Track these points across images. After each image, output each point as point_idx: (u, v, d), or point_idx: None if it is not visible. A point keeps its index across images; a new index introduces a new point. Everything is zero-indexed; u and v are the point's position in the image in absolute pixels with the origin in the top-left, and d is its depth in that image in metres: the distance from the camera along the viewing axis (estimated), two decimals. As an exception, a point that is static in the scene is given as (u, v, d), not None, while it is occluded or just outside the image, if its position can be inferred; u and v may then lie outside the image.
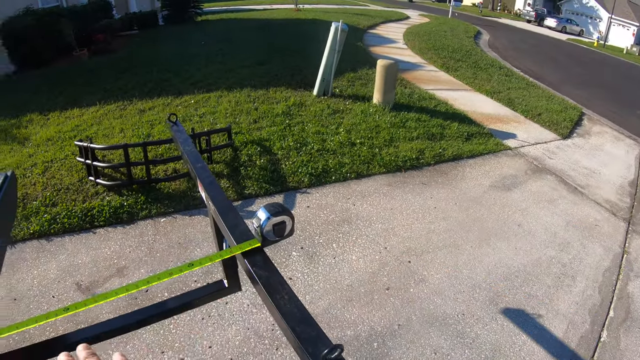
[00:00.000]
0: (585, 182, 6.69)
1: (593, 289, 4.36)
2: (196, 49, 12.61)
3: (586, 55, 26.35)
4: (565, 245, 5.00)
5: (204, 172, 2.34)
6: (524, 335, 3.66)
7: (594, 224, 5.57)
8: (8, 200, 2.59)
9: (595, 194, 6.40)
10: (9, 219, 2.71)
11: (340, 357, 1.23)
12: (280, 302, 1.48)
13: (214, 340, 3.27)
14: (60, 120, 7.41)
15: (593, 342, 3.73)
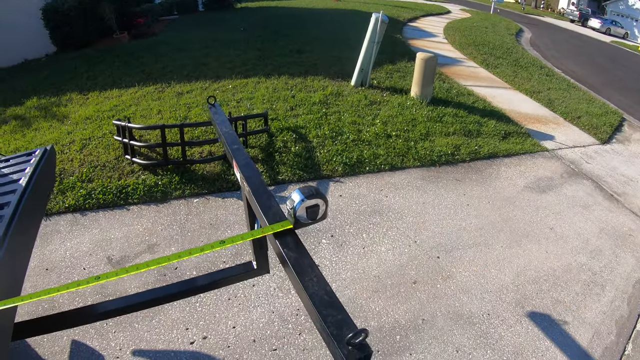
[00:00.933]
0: (622, 190, 6.48)
1: (622, 300, 4.24)
2: (235, 35, 12.71)
3: (630, 59, 25.51)
4: (597, 253, 4.86)
5: (240, 153, 2.37)
6: (548, 340, 3.59)
7: (628, 233, 5.39)
8: (47, 172, 2.68)
9: (632, 202, 6.19)
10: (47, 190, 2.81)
11: (364, 343, 1.23)
12: (308, 284, 1.49)
13: (238, 321, 3.32)
14: (99, 100, 7.59)
15: (617, 354, 3.64)
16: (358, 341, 1.27)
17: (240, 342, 3.16)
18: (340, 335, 1.29)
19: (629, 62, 23.29)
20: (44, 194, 2.64)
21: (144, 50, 11.12)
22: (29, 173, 2.39)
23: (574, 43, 24.95)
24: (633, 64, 23.15)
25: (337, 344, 1.27)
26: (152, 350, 3.06)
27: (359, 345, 1.27)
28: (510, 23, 24.45)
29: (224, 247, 1.63)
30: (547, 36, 24.56)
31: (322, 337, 1.42)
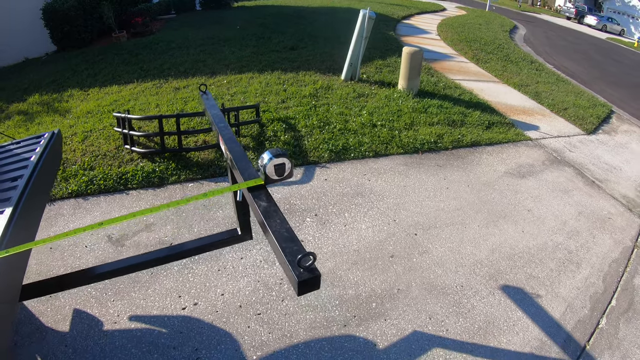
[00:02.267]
0: (604, 177, 6.74)
1: (597, 278, 4.48)
2: (231, 33, 12.99)
3: (625, 54, 25.70)
4: (574, 234, 5.12)
5: (225, 130, 2.73)
6: (520, 312, 3.84)
7: (607, 216, 5.65)
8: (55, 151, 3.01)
9: (613, 189, 6.45)
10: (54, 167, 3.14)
11: (313, 266, 1.55)
12: (272, 224, 1.85)
13: (226, 289, 3.61)
14: (100, 95, 7.90)
15: (590, 327, 3.85)
16: (308, 264, 1.60)
17: (228, 307, 3.44)
18: (294, 261, 1.62)
19: (624, 58, 23.47)
20: (53, 170, 2.95)
21: (142, 48, 11.40)
22: (39, 152, 2.71)
23: (568, 40, 25.12)
24: (627, 59, 23.33)
25: (291, 267, 1.60)
26: (147, 316, 3.33)
27: (309, 268, 1.60)
28: (505, 20, 24.66)
29: (206, 198, 1.94)
30: (541, 33, 24.76)
31: (281, 265, 1.75)
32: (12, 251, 1.72)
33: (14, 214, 2.08)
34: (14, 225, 2.02)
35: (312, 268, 1.61)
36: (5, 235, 1.93)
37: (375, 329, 3.42)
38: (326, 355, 3.14)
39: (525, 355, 3.45)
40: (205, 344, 3.13)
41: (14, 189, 2.28)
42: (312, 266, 1.62)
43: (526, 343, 3.54)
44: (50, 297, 3.42)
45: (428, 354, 3.29)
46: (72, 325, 3.23)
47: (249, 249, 4.04)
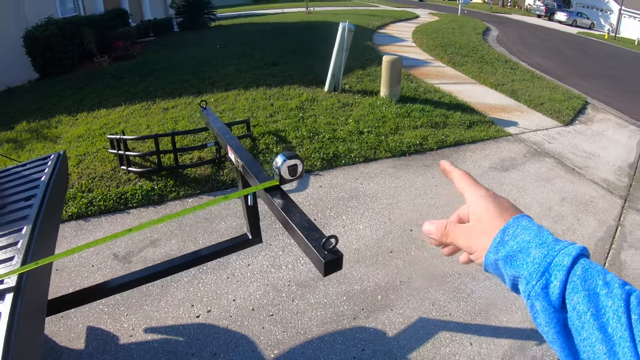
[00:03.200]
0: (584, 164, 7.04)
1: None
2: (212, 53, 13.20)
3: (595, 47, 26.46)
4: (559, 218, 5.37)
5: (232, 140, 2.92)
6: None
7: (589, 200, 5.93)
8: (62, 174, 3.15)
9: (593, 174, 6.75)
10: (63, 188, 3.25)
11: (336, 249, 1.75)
12: (293, 218, 2.04)
13: (237, 295, 3.76)
14: (89, 119, 8.02)
15: None
16: (331, 247, 1.80)
17: (241, 311, 3.59)
18: (319, 245, 1.82)
19: (595, 51, 24.16)
20: (62, 189, 3.07)
21: (125, 72, 11.55)
22: (49, 172, 2.82)
23: (540, 37, 25.77)
24: (599, 52, 24.02)
25: (316, 251, 1.80)
26: (162, 326, 3.44)
27: (332, 250, 1.81)
28: (477, 23, 25.25)
29: (227, 201, 2.12)
30: (513, 33, 25.36)
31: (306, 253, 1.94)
32: (42, 262, 1.77)
33: (34, 231, 2.12)
34: (35, 242, 2.06)
35: (335, 250, 1.81)
36: (28, 250, 1.97)
37: (384, 318, 3.60)
38: (340, 347, 3.30)
39: (526, 331, 3.65)
40: (223, 348, 3.24)
41: (29, 208, 2.33)
42: (335, 248, 1.82)
43: (525, 320, 3.75)
44: (62, 317, 3.47)
45: (435, 337, 3.47)
46: (88, 342, 3.29)
47: (254, 256, 4.21)
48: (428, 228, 0.79)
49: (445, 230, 0.76)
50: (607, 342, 0.50)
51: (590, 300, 0.53)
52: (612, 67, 19.25)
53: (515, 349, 3.47)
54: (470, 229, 0.72)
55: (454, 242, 0.75)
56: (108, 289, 2.77)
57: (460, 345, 3.44)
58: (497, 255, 0.64)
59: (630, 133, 9.17)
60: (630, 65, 21.30)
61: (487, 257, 0.66)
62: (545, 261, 0.57)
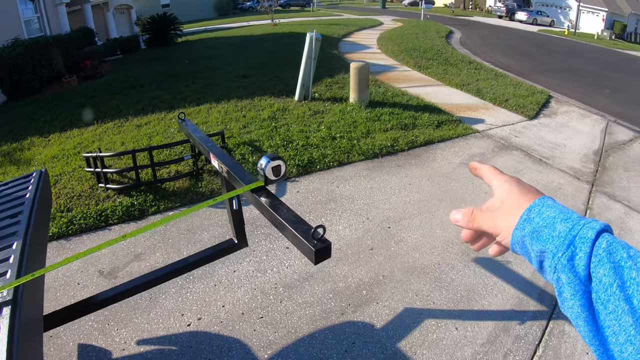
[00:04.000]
0: (550, 154, 7.33)
1: None
2: (181, 68, 13.24)
3: (556, 43, 27.26)
4: (530, 206, 5.64)
5: (214, 147, 3.04)
6: (495, 277, 4.23)
7: (558, 187, 6.21)
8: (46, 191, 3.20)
9: (560, 163, 7.03)
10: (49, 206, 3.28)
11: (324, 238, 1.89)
12: (281, 214, 2.17)
13: (226, 301, 3.84)
14: (62, 140, 7.98)
15: None
16: (320, 237, 1.95)
17: (231, 316, 3.67)
18: (308, 235, 1.96)
19: (556, 47, 24.89)
20: (48, 206, 3.10)
21: (95, 90, 11.52)
22: (33, 189, 2.85)
23: (502, 37, 26.44)
24: (559, 47, 24.75)
25: (306, 240, 1.94)
26: (154, 338, 3.49)
27: (321, 239, 1.95)
28: (440, 27, 25.79)
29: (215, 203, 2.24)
30: (476, 34, 25.98)
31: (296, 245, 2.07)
32: (38, 274, 1.80)
33: (25, 246, 2.11)
34: (27, 256, 2.05)
35: (324, 239, 1.95)
36: (21, 265, 1.96)
37: (370, 312, 3.73)
38: (331, 342, 3.42)
39: (508, 312, 3.84)
40: (217, 353, 3.31)
41: (17, 224, 2.32)
42: (324, 237, 1.96)
43: (506, 302, 3.94)
44: (51, 336, 3.48)
45: (422, 325, 3.62)
46: (80, 359, 3.31)
47: (239, 262, 4.30)
48: (455, 216, 0.81)
49: (472, 215, 0.77)
50: (634, 313, 0.52)
51: (616, 272, 0.55)
52: (573, 62, 19.92)
53: (499, 329, 3.64)
54: (496, 211, 0.74)
55: (481, 227, 0.76)
56: (99, 302, 2.81)
57: (446, 330, 3.59)
58: (523, 232, 0.66)
59: (594, 122, 9.54)
60: (591, 58, 22.07)
61: (514, 234, 0.68)
62: (571, 234, 0.60)
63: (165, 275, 2.93)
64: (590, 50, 26.62)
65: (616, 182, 6.67)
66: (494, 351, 3.44)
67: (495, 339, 3.55)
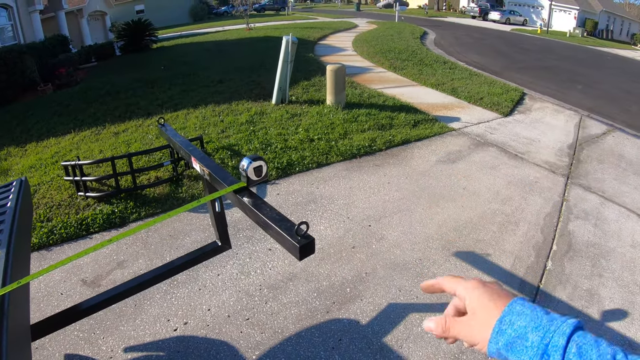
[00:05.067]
0: (526, 149, 7.53)
1: (535, 230, 5.13)
2: (157, 74, 13.17)
3: (529, 42, 27.81)
4: (507, 200, 5.77)
5: (195, 151, 3.08)
6: (476, 270, 4.37)
7: (534, 181, 6.39)
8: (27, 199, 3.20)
9: (535, 157, 7.23)
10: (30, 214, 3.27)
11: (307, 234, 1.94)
12: (264, 212, 2.23)
13: (211, 304, 3.86)
14: (39, 149, 7.89)
15: (539, 270, 4.44)
16: (303, 233, 2.00)
17: (217, 319, 3.69)
18: (292, 232, 2.01)
19: (529, 45, 25.40)
20: (29, 214, 3.09)
21: (71, 98, 11.40)
22: (14, 198, 2.84)
23: (475, 37, 26.84)
24: (533, 46, 25.24)
25: (290, 237, 1.99)
26: (141, 344, 3.48)
27: (305, 235, 2.01)
28: (414, 28, 26.10)
29: (199, 204, 2.29)
30: (450, 35, 26.34)
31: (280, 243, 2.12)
32: (24, 281, 1.81)
33: (9, 254, 2.10)
34: (11, 264, 2.04)
35: (307, 235, 2.02)
36: (6, 273, 1.95)
37: (355, 308, 3.80)
38: (318, 340, 3.47)
39: (491, 302, 3.95)
40: (205, 357, 3.33)
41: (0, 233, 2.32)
42: (307, 234, 2.02)
43: (489, 292, 4.05)
44: (37, 348, 3.44)
45: (406, 320, 3.70)
46: None
47: (223, 265, 4.33)
48: (428, 325, 0.81)
49: (445, 326, 0.78)
50: None
51: None
52: (546, 59, 20.33)
53: None
54: (469, 322, 0.75)
55: (457, 337, 0.77)
56: (84, 310, 2.79)
57: (430, 323, 3.69)
58: (497, 345, 0.68)
59: (567, 117, 9.82)
60: (563, 56, 22.60)
61: (489, 347, 0.70)
62: (543, 344, 0.62)
63: (150, 281, 2.94)
64: (563, 47, 27.25)
65: (591, 174, 6.90)
66: None
67: None
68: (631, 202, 6.15)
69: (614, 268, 4.62)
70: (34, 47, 14.98)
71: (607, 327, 3.81)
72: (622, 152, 8.13)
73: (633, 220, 5.70)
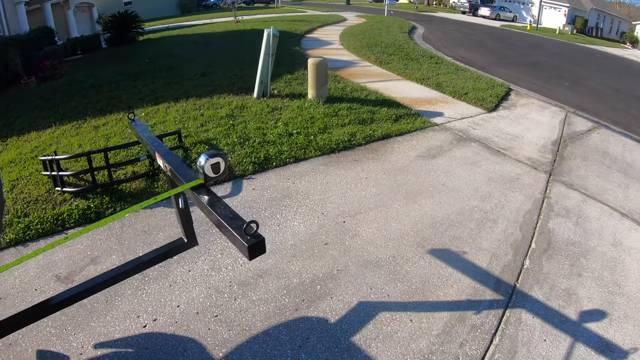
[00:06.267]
0: (508, 145, 7.56)
1: (514, 228, 5.15)
2: (141, 67, 13.07)
3: (518, 38, 27.91)
4: (486, 196, 5.80)
5: (160, 147, 3.09)
6: (450, 268, 4.38)
7: (515, 177, 6.41)
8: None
9: (518, 154, 7.26)
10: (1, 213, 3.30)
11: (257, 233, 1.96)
12: (218, 211, 2.24)
13: (181, 301, 3.86)
14: (19, 144, 7.83)
15: (516, 269, 4.46)
16: (253, 232, 2.02)
17: (186, 316, 3.69)
18: (241, 231, 2.02)
19: (518, 41, 25.49)
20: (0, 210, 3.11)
21: (53, 92, 11.32)
22: None
23: (464, 32, 26.86)
24: (521, 42, 25.34)
25: (239, 236, 2.01)
26: (110, 340, 3.48)
27: (255, 234, 2.02)
28: (403, 22, 26.07)
29: (156, 201, 2.29)
30: (439, 29, 26.33)
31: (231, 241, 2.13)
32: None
33: None
34: None
35: (257, 234, 2.03)
36: None
37: (324, 306, 3.82)
38: (285, 338, 3.49)
39: (463, 302, 3.98)
40: (172, 354, 3.34)
41: None
42: (257, 233, 2.03)
43: (461, 292, 4.08)
44: (10, 344, 3.44)
45: (376, 318, 3.73)
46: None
47: (194, 261, 4.33)
48: None
49: None
50: None
51: None
52: (534, 55, 20.45)
53: (454, 320, 3.77)
54: None
55: None
56: (52, 305, 2.81)
57: (400, 323, 3.70)
58: None
59: (553, 114, 9.88)
60: (552, 52, 22.70)
61: None
62: None
63: (117, 277, 2.96)
64: (552, 44, 27.35)
65: (574, 171, 6.95)
66: (449, 342, 3.56)
67: (451, 329, 3.68)
68: (614, 200, 6.19)
69: (594, 267, 4.64)
70: (18, 39, 14.84)
71: (585, 328, 3.83)
72: (607, 149, 8.18)
73: (615, 218, 5.73)
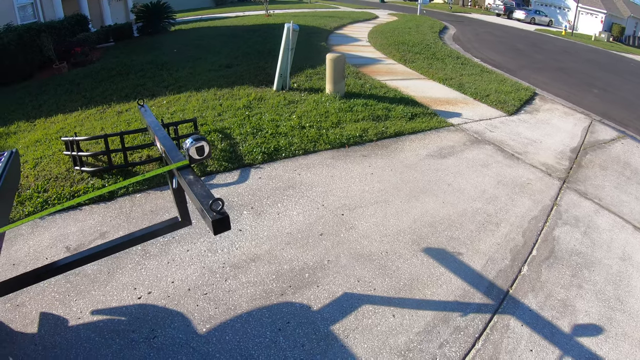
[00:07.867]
0: (524, 150, 7.47)
1: (517, 233, 5.10)
2: (169, 57, 13.43)
3: (552, 43, 27.35)
4: (492, 199, 5.76)
5: (160, 131, 3.33)
6: (443, 268, 4.41)
7: (526, 182, 6.34)
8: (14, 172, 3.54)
9: (532, 159, 7.15)
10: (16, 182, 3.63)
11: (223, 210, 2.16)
12: (194, 189, 2.43)
13: (176, 277, 4.07)
14: (46, 125, 8.20)
15: (512, 275, 4.42)
16: (219, 209, 2.22)
17: (178, 292, 3.90)
18: (207, 207, 2.22)
19: (551, 46, 24.96)
20: (14, 184, 3.41)
21: (83, 77, 11.74)
22: (2, 166, 3.18)
23: (497, 34, 26.49)
24: (554, 47, 24.81)
25: (206, 212, 2.20)
26: (107, 308, 3.72)
27: (220, 211, 2.22)
28: (435, 22, 25.86)
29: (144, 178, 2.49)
30: (470, 31, 26.03)
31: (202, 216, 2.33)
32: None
33: None
34: None
35: (222, 211, 2.23)
36: None
37: (309, 294, 3.96)
38: (267, 321, 3.65)
39: (450, 303, 4.02)
40: (161, 325, 3.56)
41: None
42: (222, 210, 2.23)
43: (450, 293, 4.12)
44: (18, 305, 3.72)
45: (358, 310, 3.84)
46: (40, 326, 3.54)
47: (194, 242, 4.53)
48: None
49: None
50: None
51: None
52: (566, 61, 20.01)
53: (438, 319, 3.83)
54: None
55: None
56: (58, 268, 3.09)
57: (382, 317, 3.80)
58: None
59: (576, 121, 9.66)
60: (585, 59, 22.18)
61: None
62: None
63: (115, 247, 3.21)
64: (585, 50, 26.77)
65: (590, 179, 6.80)
66: (429, 341, 3.62)
67: (433, 328, 3.74)
68: (629, 212, 6.00)
69: (597, 280, 4.53)
70: (52, 25, 15.32)
71: (577, 342, 3.75)
72: (629, 159, 7.92)
73: (628, 231, 5.55)
